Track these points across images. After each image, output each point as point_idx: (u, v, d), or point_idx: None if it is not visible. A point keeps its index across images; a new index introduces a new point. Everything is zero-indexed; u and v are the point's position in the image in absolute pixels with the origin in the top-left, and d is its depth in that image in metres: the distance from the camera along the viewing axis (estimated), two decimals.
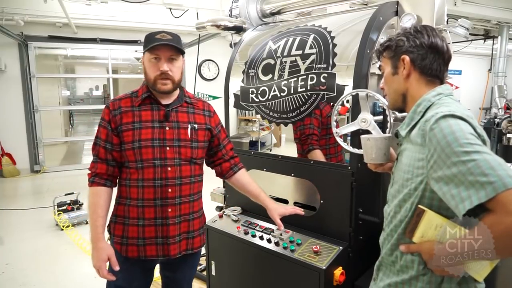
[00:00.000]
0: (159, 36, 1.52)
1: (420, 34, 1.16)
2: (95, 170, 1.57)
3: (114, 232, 1.62)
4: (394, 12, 1.78)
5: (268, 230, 1.90)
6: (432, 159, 0.98)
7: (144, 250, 1.58)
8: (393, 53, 1.20)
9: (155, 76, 1.54)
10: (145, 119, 1.57)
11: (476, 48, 9.25)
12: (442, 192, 0.95)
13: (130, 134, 1.54)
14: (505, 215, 0.85)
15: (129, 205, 1.58)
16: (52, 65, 10.11)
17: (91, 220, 1.54)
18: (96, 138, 1.59)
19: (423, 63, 1.15)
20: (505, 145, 5.70)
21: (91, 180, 1.57)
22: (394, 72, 1.21)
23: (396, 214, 1.14)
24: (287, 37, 1.97)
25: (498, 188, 0.85)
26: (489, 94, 8.76)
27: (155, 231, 1.57)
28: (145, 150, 1.53)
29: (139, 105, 1.58)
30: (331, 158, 1.91)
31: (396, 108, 1.29)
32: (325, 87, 1.72)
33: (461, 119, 0.98)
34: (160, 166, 1.54)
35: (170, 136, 1.57)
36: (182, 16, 6.46)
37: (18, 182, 6.56)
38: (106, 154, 1.57)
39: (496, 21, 6.76)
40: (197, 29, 2.51)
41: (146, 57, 1.56)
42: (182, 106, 1.65)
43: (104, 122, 1.57)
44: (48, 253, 3.67)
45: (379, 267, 1.26)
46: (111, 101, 1.61)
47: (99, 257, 1.49)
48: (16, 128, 6.87)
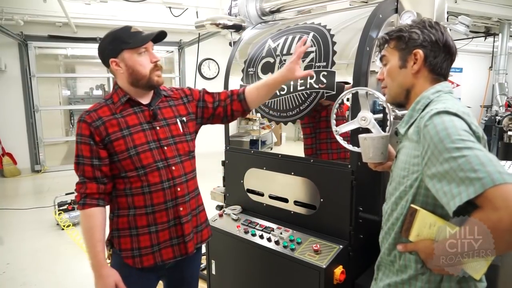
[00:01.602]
0: (134, 30, 1.44)
1: (434, 29, 1.12)
2: (85, 190, 1.43)
3: (120, 247, 1.49)
4: (394, 9, 1.77)
5: (268, 229, 1.89)
6: (426, 156, 0.98)
7: (160, 255, 1.49)
8: (404, 45, 1.15)
9: (150, 69, 1.45)
10: (132, 123, 1.46)
11: (477, 46, 9.21)
12: (436, 189, 0.95)
13: (122, 143, 1.43)
14: (492, 211, 0.84)
15: (134, 215, 1.47)
16: (52, 64, 10.09)
17: (90, 247, 1.42)
18: (78, 157, 1.43)
19: (434, 61, 1.12)
20: (506, 142, 5.69)
21: (82, 203, 1.43)
22: (402, 65, 1.16)
23: (393, 212, 1.14)
24: (287, 35, 1.96)
25: (486, 184, 0.84)
26: (490, 92, 8.74)
27: (169, 233, 1.49)
28: (144, 155, 1.44)
29: (120, 111, 1.46)
30: (333, 154, 1.90)
31: (395, 103, 1.25)
32: (324, 85, 1.72)
33: (455, 115, 0.97)
34: (164, 167, 1.48)
35: (163, 135, 1.51)
36: (181, 15, 6.45)
37: (19, 182, 6.57)
38: (94, 172, 1.43)
39: (497, 19, 6.73)
40: (197, 27, 2.50)
41: (129, 54, 1.43)
42: (163, 102, 1.57)
43: (84, 138, 1.42)
44: (48, 252, 3.68)
45: (378, 266, 1.26)
46: (86, 113, 1.44)
47: (106, 285, 1.39)
48: (17, 128, 6.88)
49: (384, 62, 1.24)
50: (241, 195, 2.16)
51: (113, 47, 1.44)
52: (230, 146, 2.26)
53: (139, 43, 1.43)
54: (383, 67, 1.25)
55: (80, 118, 1.45)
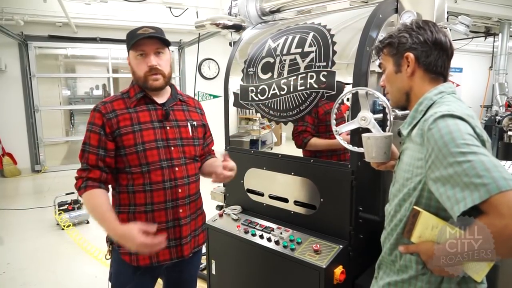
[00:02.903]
0: (141, 31, 1.46)
1: (423, 30, 1.13)
2: (87, 174, 1.44)
3: (119, 244, 1.48)
4: (394, 9, 1.77)
5: (268, 229, 1.89)
6: (430, 159, 0.97)
7: (156, 256, 1.50)
8: (395, 50, 1.16)
9: (144, 73, 1.48)
10: (143, 120, 1.50)
11: (477, 46, 9.21)
12: (439, 193, 0.95)
13: (131, 138, 1.46)
14: (497, 218, 0.84)
15: (134, 212, 1.49)
16: (53, 64, 10.10)
17: (99, 217, 1.38)
18: (85, 144, 1.46)
19: (427, 60, 1.12)
20: (506, 142, 5.68)
21: (84, 186, 1.42)
22: (397, 70, 1.18)
23: (396, 213, 1.14)
24: (287, 35, 1.96)
25: (491, 190, 0.84)
26: (490, 92, 8.75)
27: (167, 234, 1.48)
28: (150, 152, 1.47)
29: (134, 106, 1.51)
30: (333, 156, 1.91)
31: (399, 107, 1.26)
32: (324, 85, 1.72)
33: (460, 118, 0.96)
34: (168, 167, 1.50)
35: (172, 135, 1.54)
36: (182, 15, 6.45)
37: (19, 182, 6.57)
38: (97, 161, 1.44)
39: (497, 18, 6.74)
40: (197, 27, 2.50)
41: (132, 55, 1.50)
42: (177, 104, 1.62)
43: (96, 127, 1.45)
44: (48, 252, 3.68)
45: (379, 265, 1.26)
46: (101, 104, 1.49)
47: (130, 238, 1.29)
48: (17, 128, 6.87)
49: (382, 70, 1.26)
50: (241, 195, 2.16)
51: (127, 45, 1.51)
52: (230, 146, 2.26)
53: (132, 45, 1.46)
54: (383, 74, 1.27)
55: (95, 107, 1.49)
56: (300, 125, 1.87)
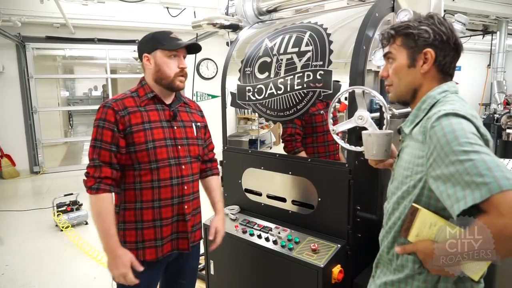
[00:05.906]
0: (173, 36, 1.57)
1: (444, 27, 1.08)
2: (100, 174, 1.45)
3: (125, 239, 1.54)
4: (390, 8, 1.77)
5: (266, 229, 1.89)
6: (431, 157, 0.97)
7: (162, 250, 1.57)
8: (413, 43, 1.09)
9: (175, 73, 1.56)
10: (153, 119, 1.55)
11: (475, 44, 9.22)
12: (439, 191, 0.94)
13: (142, 135, 1.50)
14: (498, 217, 0.83)
15: (141, 208, 1.53)
16: (51, 65, 10.08)
17: (103, 229, 1.44)
18: (96, 140, 1.47)
19: (444, 60, 1.09)
20: (504, 140, 5.69)
21: (96, 187, 1.44)
22: (410, 64, 1.11)
23: (395, 211, 1.13)
24: (283, 34, 1.96)
25: (493, 190, 0.83)
26: (488, 90, 8.74)
27: (171, 228, 1.59)
28: (160, 150, 1.53)
29: (144, 105, 1.56)
30: (330, 156, 1.91)
31: (400, 101, 1.21)
32: (321, 84, 1.72)
33: (464, 118, 0.95)
34: (175, 165, 1.57)
35: (179, 135, 1.61)
36: (179, 15, 6.43)
37: (18, 183, 6.56)
38: (111, 157, 1.47)
39: (495, 16, 6.74)
40: (193, 27, 2.50)
41: (161, 54, 1.54)
42: (181, 106, 1.69)
43: (108, 124, 1.47)
44: (48, 254, 3.67)
45: (377, 264, 1.26)
46: (112, 101, 1.52)
47: (122, 263, 1.43)
48: (15, 129, 6.86)
49: (389, 59, 1.18)
50: (239, 195, 2.16)
51: (150, 44, 1.56)
52: (228, 146, 2.26)
53: (172, 47, 1.54)
54: (387, 64, 1.20)
55: (105, 104, 1.52)
56: (290, 127, 1.89)
